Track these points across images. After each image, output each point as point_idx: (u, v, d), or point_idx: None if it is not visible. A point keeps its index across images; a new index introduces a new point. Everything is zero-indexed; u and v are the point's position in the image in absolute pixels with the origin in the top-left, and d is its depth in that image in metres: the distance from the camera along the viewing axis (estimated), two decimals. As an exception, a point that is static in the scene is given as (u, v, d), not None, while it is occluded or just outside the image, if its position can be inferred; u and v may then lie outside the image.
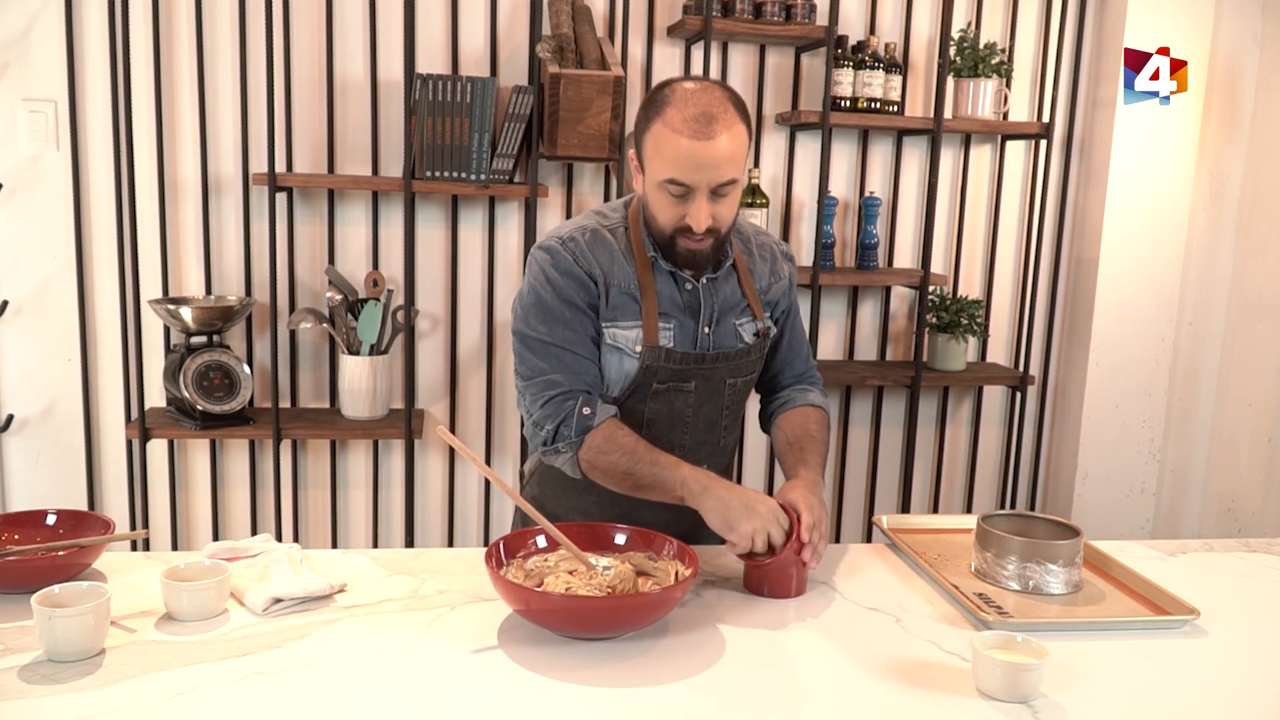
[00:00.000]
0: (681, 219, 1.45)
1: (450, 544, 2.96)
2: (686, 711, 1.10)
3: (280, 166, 2.67)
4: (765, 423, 1.75)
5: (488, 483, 2.95)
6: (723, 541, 1.41)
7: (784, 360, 1.73)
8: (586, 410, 1.48)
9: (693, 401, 1.58)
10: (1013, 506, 3.27)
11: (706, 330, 1.56)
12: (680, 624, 1.31)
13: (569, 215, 2.85)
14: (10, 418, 2.71)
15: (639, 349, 1.52)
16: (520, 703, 1.10)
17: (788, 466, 1.58)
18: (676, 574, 1.34)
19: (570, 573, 1.33)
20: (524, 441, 2.65)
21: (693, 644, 1.25)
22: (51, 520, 1.45)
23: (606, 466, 1.47)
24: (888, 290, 3.12)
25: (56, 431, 2.74)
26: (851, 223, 3.05)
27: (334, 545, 2.89)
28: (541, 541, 1.40)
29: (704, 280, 1.57)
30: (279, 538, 2.82)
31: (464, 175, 2.63)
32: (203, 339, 2.60)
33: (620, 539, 1.43)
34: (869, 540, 3.12)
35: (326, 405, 2.85)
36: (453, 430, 2.92)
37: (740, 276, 1.62)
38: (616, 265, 1.53)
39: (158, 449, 2.78)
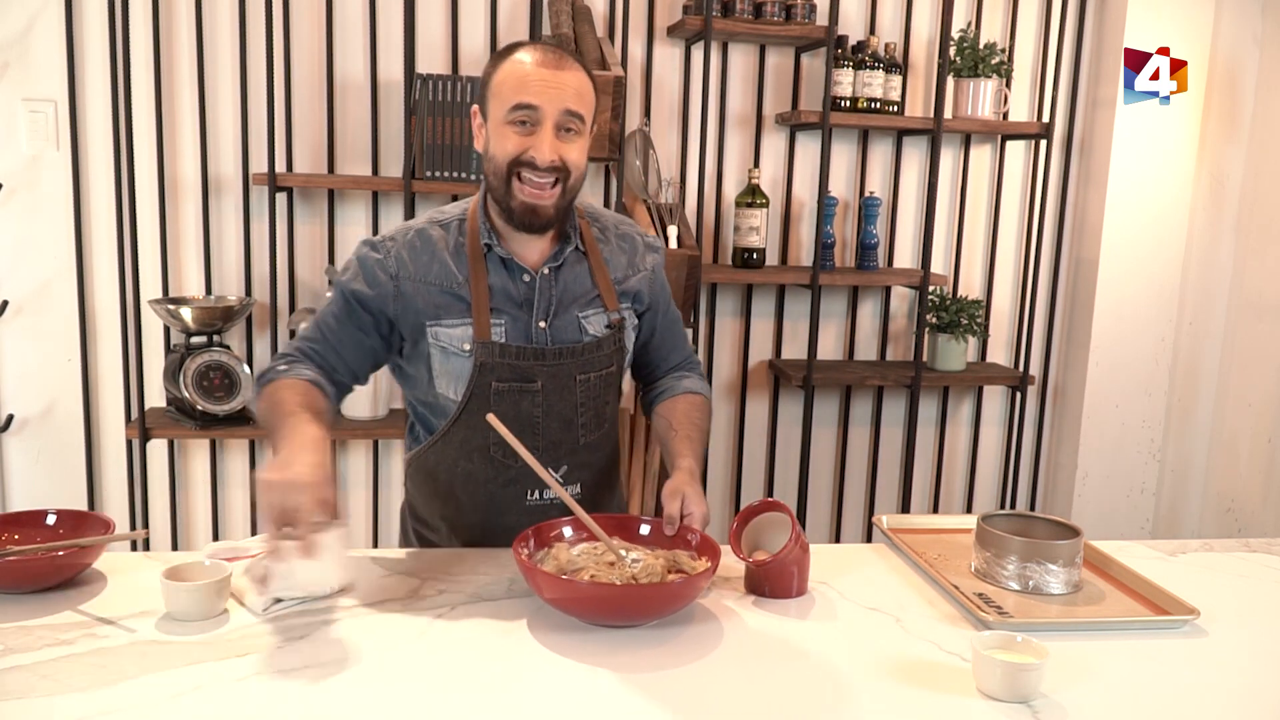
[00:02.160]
0: (526, 150, 1.42)
1: (450, 544, 2.96)
2: (685, 712, 1.10)
3: (280, 166, 2.67)
4: (647, 410, 1.74)
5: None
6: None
7: (659, 354, 1.69)
8: (283, 366, 1.47)
9: (541, 402, 1.52)
10: (1013, 506, 3.27)
11: (542, 324, 1.52)
12: (681, 623, 1.31)
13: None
14: (10, 418, 2.71)
15: (468, 347, 1.48)
16: (520, 702, 1.10)
17: (671, 455, 1.55)
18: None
19: (610, 564, 1.35)
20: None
21: (693, 644, 1.25)
22: (51, 520, 1.45)
23: (258, 414, 1.44)
24: (888, 290, 3.12)
25: (56, 431, 2.74)
26: (851, 223, 3.05)
27: (334, 545, 2.89)
28: (569, 532, 1.42)
29: (544, 271, 1.52)
30: (279, 538, 2.82)
31: (464, 175, 2.63)
32: (203, 339, 2.60)
33: (644, 530, 1.45)
34: (869, 540, 3.12)
35: (326, 405, 2.85)
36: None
37: (592, 265, 1.57)
38: (438, 264, 1.51)
39: (158, 449, 2.78)
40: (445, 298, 1.50)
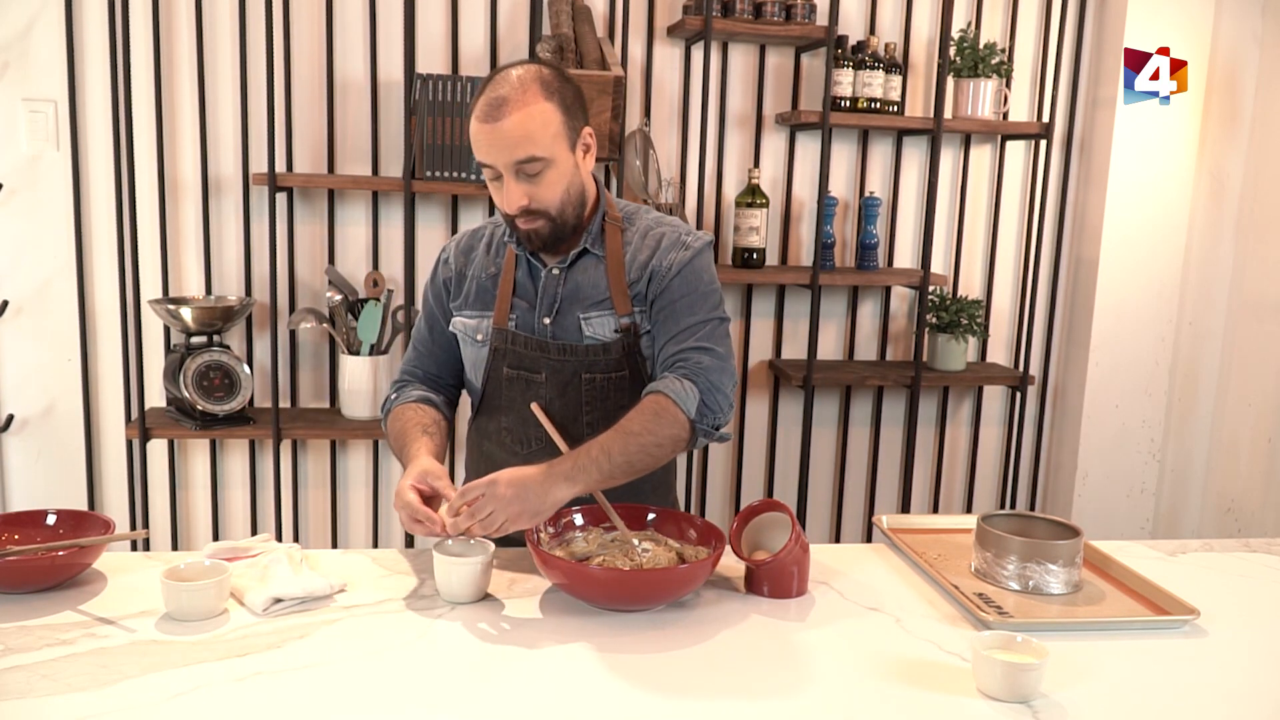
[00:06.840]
0: (500, 201, 1.50)
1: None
2: (685, 713, 1.10)
3: (280, 166, 2.67)
4: None
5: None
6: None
7: (658, 346, 1.57)
8: (394, 395, 1.68)
9: (544, 394, 1.56)
10: (1013, 506, 3.27)
11: (546, 321, 1.56)
12: (680, 623, 1.31)
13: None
14: (10, 418, 2.71)
15: (481, 336, 1.60)
16: (520, 703, 1.11)
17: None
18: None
19: (623, 554, 1.41)
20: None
21: (692, 644, 1.25)
22: (51, 520, 1.46)
23: (390, 436, 1.63)
24: (888, 290, 3.12)
25: (56, 431, 2.74)
26: (851, 223, 3.05)
27: (334, 545, 2.89)
28: (579, 519, 1.49)
29: (553, 271, 1.56)
30: (279, 538, 2.82)
31: (464, 175, 2.62)
32: (203, 339, 2.60)
33: (650, 517, 1.51)
34: (869, 540, 3.12)
35: (326, 405, 2.85)
36: (450, 431, 2.92)
37: (609, 268, 1.56)
38: (477, 258, 1.63)
39: (158, 449, 2.78)
40: (475, 287, 1.61)
